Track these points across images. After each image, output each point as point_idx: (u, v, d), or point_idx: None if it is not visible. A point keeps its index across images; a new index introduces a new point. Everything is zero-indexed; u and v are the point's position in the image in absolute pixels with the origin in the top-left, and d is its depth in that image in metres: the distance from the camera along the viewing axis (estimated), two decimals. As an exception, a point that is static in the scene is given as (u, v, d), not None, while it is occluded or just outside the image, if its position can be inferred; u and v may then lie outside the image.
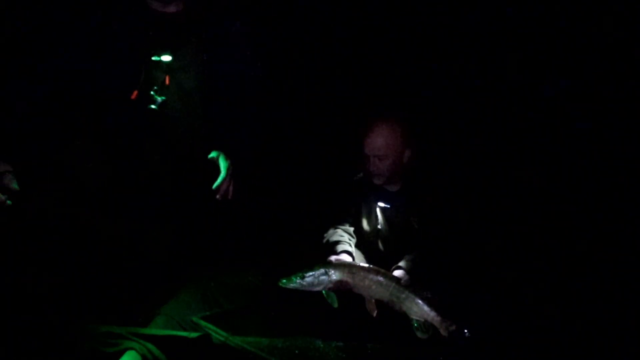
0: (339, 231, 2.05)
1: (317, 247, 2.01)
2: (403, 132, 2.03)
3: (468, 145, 2.49)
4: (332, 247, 1.96)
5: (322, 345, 1.64)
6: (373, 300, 1.71)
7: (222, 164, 1.60)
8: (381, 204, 2.09)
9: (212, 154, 1.63)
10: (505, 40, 2.42)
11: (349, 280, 1.70)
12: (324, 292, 1.70)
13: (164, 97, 1.59)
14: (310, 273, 1.68)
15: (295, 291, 1.68)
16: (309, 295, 1.72)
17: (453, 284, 1.96)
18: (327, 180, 2.45)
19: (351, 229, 2.11)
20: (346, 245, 1.98)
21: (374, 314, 1.70)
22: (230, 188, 1.62)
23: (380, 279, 1.70)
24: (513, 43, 2.42)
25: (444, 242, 2.07)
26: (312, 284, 1.68)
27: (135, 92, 1.56)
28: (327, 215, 2.16)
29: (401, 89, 2.55)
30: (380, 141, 1.97)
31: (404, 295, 1.69)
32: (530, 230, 2.32)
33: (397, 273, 1.83)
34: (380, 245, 2.12)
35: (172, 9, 1.53)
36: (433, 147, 2.35)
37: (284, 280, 1.66)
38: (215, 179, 1.59)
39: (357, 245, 2.07)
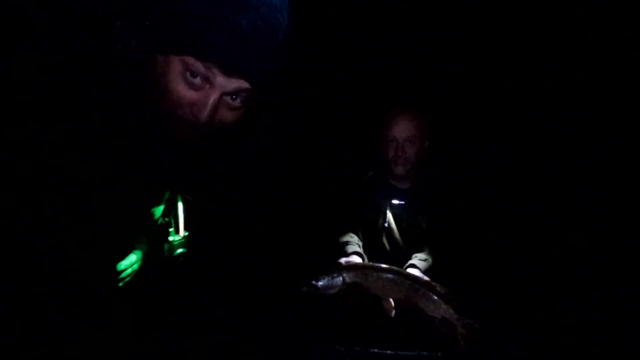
0: (348, 233, 2.03)
1: (325, 249, 1.99)
2: (428, 119, 2.03)
3: (477, 146, 2.46)
4: (341, 249, 1.93)
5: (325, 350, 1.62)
6: (390, 300, 1.66)
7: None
8: (392, 201, 2.06)
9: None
10: (511, 42, 2.38)
11: (363, 281, 1.65)
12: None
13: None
14: (324, 277, 1.64)
15: (302, 295, 1.63)
16: (318, 300, 1.68)
17: (462, 284, 1.84)
18: (334, 181, 2.42)
19: (358, 232, 2.07)
20: (355, 246, 1.95)
21: (392, 314, 1.64)
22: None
23: (395, 277, 1.65)
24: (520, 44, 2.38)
25: (453, 241, 2.03)
26: (326, 288, 1.63)
27: None
28: (335, 217, 2.12)
29: (410, 91, 2.51)
30: (411, 123, 1.97)
31: (420, 293, 1.64)
32: (540, 233, 2.31)
33: (411, 271, 1.79)
34: (386, 243, 2.09)
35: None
36: (444, 147, 2.30)
37: (298, 285, 1.62)
38: None
39: (363, 246, 2.04)
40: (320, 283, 1.62)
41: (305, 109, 2.47)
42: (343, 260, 1.79)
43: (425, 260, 1.90)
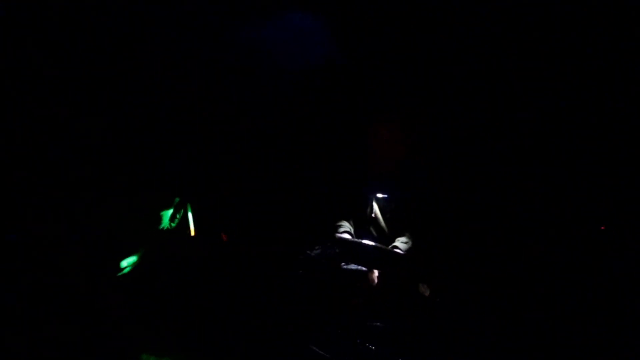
0: (342, 220, 2.34)
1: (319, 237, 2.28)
2: (412, 120, 2.27)
3: (462, 145, 2.58)
4: (335, 230, 2.26)
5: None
6: (374, 271, 1.98)
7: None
8: (377, 195, 2.36)
9: None
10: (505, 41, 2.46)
11: (352, 252, 1.98)
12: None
13: None
14: (319, 246, 1.97)
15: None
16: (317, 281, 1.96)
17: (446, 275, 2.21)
18: (330, 178, 2.67)
19: (350, 221, 2.37)
20: (347, 228, 2.28)
21: (374, 283, 1.96)
22: None
23: (376, 251, 1.99)
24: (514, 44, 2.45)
25: (431, 228, 2.34)
26: (321, 256, 1.95)
27: None
28: (330, 210, 2.42)
29: (396, 94, 2.63)
30: (395, 125, 2.21)
31: (398, 257, 1.98)
32: (524, 229, 2.46)
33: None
34: (373, 230, 2.40)
35: None
36: (429, 145, 2.51)
37: (299, 256, 1.93)
38: None
39: (355, 232, 2.35)
40: (316, 251, 1.96)
41: (303, 112, 2.67)
42: (337, 235, 2.12)
43: (406, 242, 2.24)
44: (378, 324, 1.99)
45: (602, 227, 2.29)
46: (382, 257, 2.00)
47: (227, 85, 2.31)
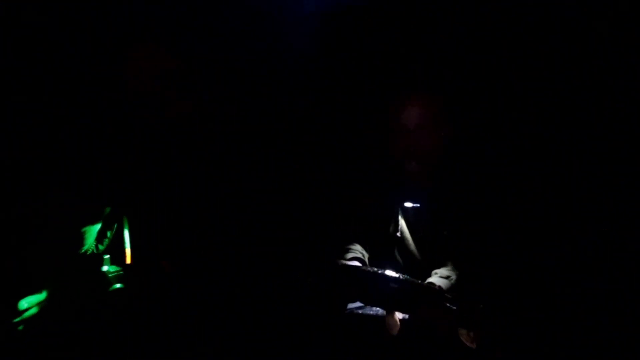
0: (351, 243, 1.85)
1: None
2: (445, 101, 1.83)
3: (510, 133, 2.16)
4: (340, 255, 1.76)
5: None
6: (395, 314, 1.47)
7: None
8: (404, 205, 1.84)
9: None
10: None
11: (361, 285, 1.49)
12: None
13: None
14: (316, 277, 1.54)
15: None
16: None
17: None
18: (333, 183, 2.19)
19: (364, 244, 1.88)
20: (357, 253, 1.77)
21: (395, 331, 1.46)
22: None
23: (396, 285, 1.46)
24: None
25: (482, 253, 1.77)
26: (319, 291, 1.57)
27: None
28: (335, 226, 1.93)
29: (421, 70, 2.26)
30: (423, 107, 1.77)
31: (427, 298, 1.46)
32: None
33: None
34: (398, 256, 1.86)
35: None
36: (469, 135, 2.04)
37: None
38: None
39: (372, 261, 1.83)
40: (311, 282, 1.55)
41: (302, 99, 2.26)
42: (341, 262, 1.62)
43: (447, 277, 1.69)
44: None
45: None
46: (410, 293, 1.48)
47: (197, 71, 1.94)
